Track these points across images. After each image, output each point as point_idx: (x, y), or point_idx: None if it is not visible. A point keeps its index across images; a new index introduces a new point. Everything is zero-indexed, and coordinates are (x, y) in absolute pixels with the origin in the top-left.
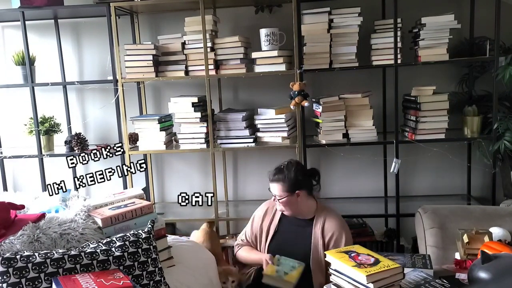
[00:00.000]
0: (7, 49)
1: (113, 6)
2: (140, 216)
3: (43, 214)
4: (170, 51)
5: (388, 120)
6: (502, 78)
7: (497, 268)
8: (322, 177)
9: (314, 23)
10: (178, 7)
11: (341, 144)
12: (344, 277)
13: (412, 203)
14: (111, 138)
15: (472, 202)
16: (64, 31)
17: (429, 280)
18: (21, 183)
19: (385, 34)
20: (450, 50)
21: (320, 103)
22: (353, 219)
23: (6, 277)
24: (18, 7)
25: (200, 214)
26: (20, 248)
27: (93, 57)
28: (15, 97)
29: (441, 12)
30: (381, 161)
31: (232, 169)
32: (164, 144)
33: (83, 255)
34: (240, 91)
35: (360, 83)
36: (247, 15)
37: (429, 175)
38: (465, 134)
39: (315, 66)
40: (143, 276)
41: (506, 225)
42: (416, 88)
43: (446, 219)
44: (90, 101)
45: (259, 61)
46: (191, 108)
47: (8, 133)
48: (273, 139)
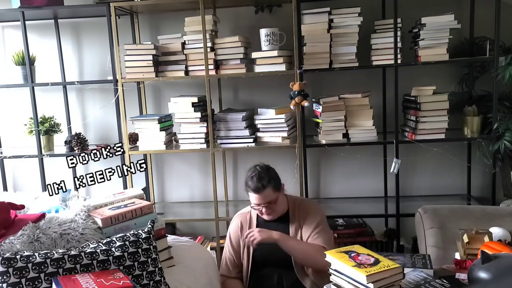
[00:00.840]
0: (7, 49)
1: (113, 6)
2: (140, 216)
3: (43, 214)
4: (170, 51)
5: (388, 120)
6: (502, 78)
7: (497, 268)
8: (322, 177)
9: (314, 23)
10: (178, 7)
11: (341, 144)
12: (344, 277)
13: (412, 203)
14: (111, 138)
15: (472, 202)
16: (64, 31)
17: (429, 280)
18: (21, 183)
19: (385, 34)
20: (450, 50)
21: (320, 103)
22: (353, 219)
23: (6, 277)
24: (18, 7)
25: (200, 214)
26: (20, 248)
27: (93, 57)
28: (15, 97)
29: (441, 12)
30: (381, 161)
31: (232, 169)
32: (164, 144)
33: (83, 255)
34: (240, 91)
35: (360, 83)
36: (247, 15)
37: (429, 175)
38: (465, 134)
39: (315, 66)
40: (143, 276)
41: (506, 225)
42: (416, 88)
43: (446, 219)
44: (90, 101)
45: (259, 61)
46: (191, 108)
47: (8, 133)
48: (273, 139)
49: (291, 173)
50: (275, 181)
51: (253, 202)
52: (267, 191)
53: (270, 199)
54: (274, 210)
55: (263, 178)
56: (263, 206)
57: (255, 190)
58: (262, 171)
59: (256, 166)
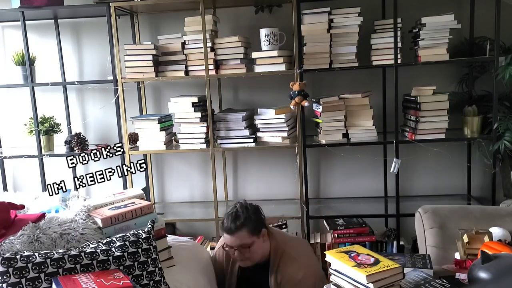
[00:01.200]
0: (7, 49)
1: (113, 6)
2: (140, 216)
3: (43, 214)
4: (170, 51)
5: (388, 120)
6: (502, 78)
7: (497, 268)
8: (322, 177)
9: (314, 23)
10: (178, 7)
11: (341, 144)
12: (344, 277)
13: (412, 203)
14: (111, 138)
15: (472, 202)
16: (64, 31)
17: (429, 280)
18: (21, 183)
19: (385, 34)
20: (450, 50)
21: (320, 103)
22: (353, 219)
23: (6, 277)
24: (18, 7)
25: (200, 214)
26: (20, 248)
27: (93, 57)
28: (15, 97)
29: (441, 12)
30: (381, 161)
31: (232, 169)
32: (164, 144)
33: (83, 255)
34: (240, 91)
35: (360, 83)
36: (247, 15)
37: (429, 175)
38: (465, 134)
39: (315, 66)
40: (143, 276)
41: (506, 225)
42: (416, 88)
43: (446, 219)
44: (90, 101)
45: (259, 61)
46: (191, 108)
47: (8, 133)
48: (273, 139)
49: (291, 173)
50: (253, 223)
51: (225, 242)
52: (240, 233)
53: (243, 242)
54: (247, 257)
55: (238, 218)
56: (235, 249)
57: (226, 231)
58: (241, 210)
59: (236, 203)
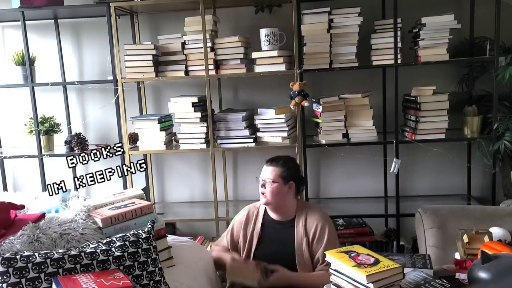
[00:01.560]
0: (7, 49)
1: (113, 6)
2: (140, 216)
3: (43, 214)
4: (170, 51)
5: (388, 120)
6: (502, 78)
7: (497, 268)
8: (322, 177)
9: (314, 23)
10: (178, 7)
11: (341, 144)
12: (344, 277)
13: (412, 203)
14: (111, 138)
15: (472, 202)
16: (64, 31)
17: (429, 280)
18: (21, 183)
19: (385, 34)
20: (450, 50)
21: (320, 103)
22: (353, 219)
23: (6, 277)
24: (18, 7)
25: (200, 214)
26: (20, 248)
27: (93, 57)
28: (15, 97)
29: (441, 12)
30: (381, 161)
31: (232, 169)
32: (164, 144)
33: (83, 255)
34: (240, 91)
35: (360, 83)
36: (247, 15)
37: (429, 175)
38: (465, 134)
39: (315, 66)
40: (143, 276)
41: (506, 225)
42: (416, 88)
43: (446, 219)
44: (90, 101)
45: (259, 61)
46: (191, 108)
47: (8, 133)
48: (273, 139)
49: None
50: (287, 171)
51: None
52: (273, 168)
53: (271, 177)
54: (273, 194)
55: (279, 158)
56: (262, 182)
57: (266, 161)
58: (286, 157)
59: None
